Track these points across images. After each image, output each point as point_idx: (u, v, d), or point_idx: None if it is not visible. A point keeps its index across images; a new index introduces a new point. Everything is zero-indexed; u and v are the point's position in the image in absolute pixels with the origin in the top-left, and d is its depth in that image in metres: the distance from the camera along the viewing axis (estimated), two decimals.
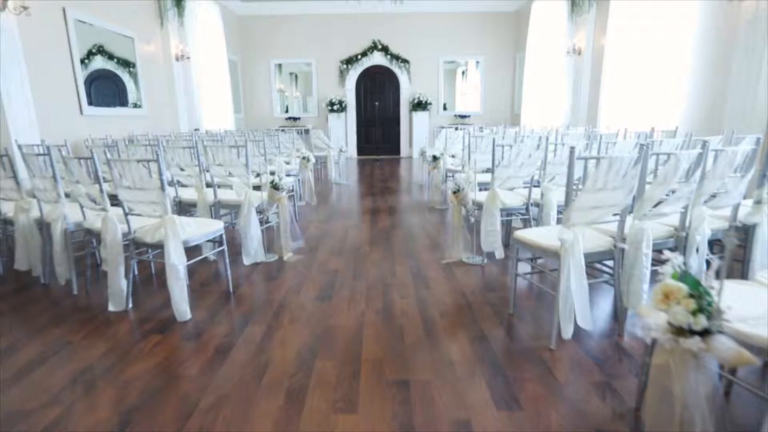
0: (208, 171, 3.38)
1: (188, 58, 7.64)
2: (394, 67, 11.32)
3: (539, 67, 9.02)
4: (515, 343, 2.12)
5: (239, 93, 11.22)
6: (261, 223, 3.36)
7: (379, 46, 11.13)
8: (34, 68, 4.56)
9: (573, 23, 7.58)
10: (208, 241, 2.74)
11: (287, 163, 5.76)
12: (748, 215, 2.33)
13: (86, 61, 5.60)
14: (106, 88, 6.06)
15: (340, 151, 7.15)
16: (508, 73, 11.40)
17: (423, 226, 4.41)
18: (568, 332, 2.01)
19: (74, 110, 5.27)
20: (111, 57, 6.10)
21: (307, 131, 7.79)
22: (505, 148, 3.36)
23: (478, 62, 11.53)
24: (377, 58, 11.24)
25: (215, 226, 2.59)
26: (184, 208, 3.59)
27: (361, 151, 11.80)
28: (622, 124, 5.96)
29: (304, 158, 5.29)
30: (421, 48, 11.21)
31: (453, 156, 5.99)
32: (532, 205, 3.20)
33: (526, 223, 3.24)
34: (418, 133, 11.35)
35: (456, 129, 6.84)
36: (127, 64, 6.39)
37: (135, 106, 6.61)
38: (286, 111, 11.94)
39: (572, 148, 1.87)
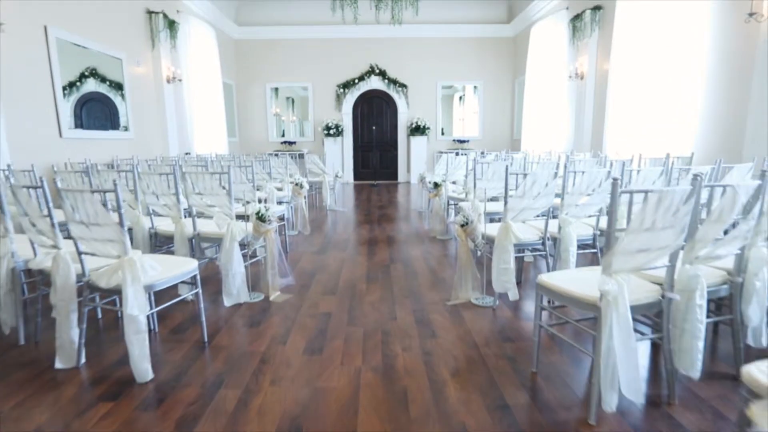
0: (187, 200, 3.04)
1: (180, 80, 7.41)
2: (392, 92, 11.18)
3: (540, 92, 8.87)
4: (544, 413, 1.74)
5: (234, 117, 11.00)
6: (246, 257, 3.00)
7: (377, 71, 11.01)
8: (8, 87, 4.26)
9: (574, 47, 7.44)
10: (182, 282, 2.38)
11: (279, 189, 5.43)
12: None
13: (78, 83, 5.46)
14: (98, 111, 5.90)
15: (336, 176, 6.85)
16: (507, 98, 11.28)
17: (425, 258, 4.05)
18: (611, 404, 1.64)
19: (53, 133, 4.96)
20: (104, 80, 5.98)
21: (301, 156, 7.49)
22: (519, 177, 3.05)
23: (475, 87, 11.42)
24: (375, 83, 11.11)
25: (186, 267, 2.23)
26: (161, 241, 3.23)
27: (358, 176, 11.53)
28: (630, 150, 5.71)
29: (296, 185, 4.97)
30: (419, 72, 11.10)
31: (454, 182, 5.70)
32: (548, 239, 2.86)
33: (542, 259, 2.89)
34: (416, 158, 11.12)
35: (457, 154, 6.57)
36: (119, 87, 6.16)
37: (125, 129, 6.32)
38: (282, 135, 11.73)
39: (615, 180, 1.54)
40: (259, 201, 4.95)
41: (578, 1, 7.49)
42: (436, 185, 4.78)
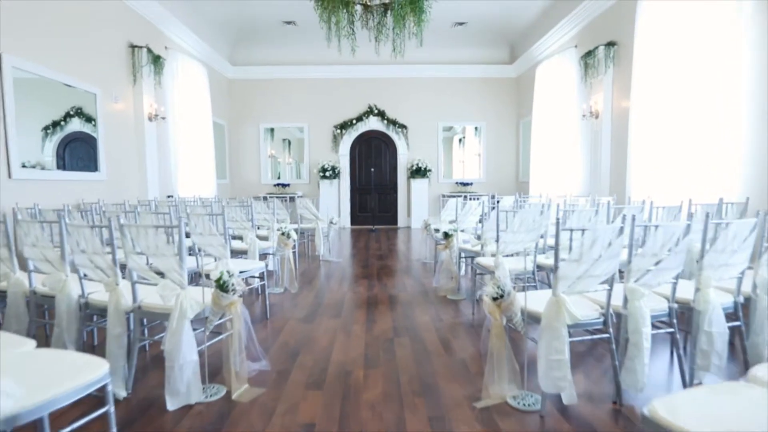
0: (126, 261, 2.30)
1: (163, 118, 6.86)
2: (391, 132, 10.72)
3: (549, 133, 8.37)
4: None
5: (225, 158, 10.46)
6: (204, 337, 2.23)
7: (376, 111, 10.60)
8: None
9: (587, 85, 6.98)
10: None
11: (265, 239, 4.72)
12: None
13: (62, 123, 5.23)
14: (81, 151, 5.54)
15: (330, 222, 6.15)
16: (511, 139, 10.82)
17: (436, 328, 3.27)
18: None
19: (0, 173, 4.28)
20: (89, 119, 5.58)
21: (292, 199, 6.84)
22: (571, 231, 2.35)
23: (477, 128, 11.00)
24: (373, 123, 10.66)
25: (86, 377, 1.45)
26: (97, 313, 2.46)
27: (355, 220, 10.85)
28: (661, 194, 5.07)
29: (283, 234, 4.25)
30: (419, 113, 10.69)
31: (462, 230, 5.00)
32: (612, 316, 2.11)
33: (604, 347, 2.13)
34: (417, 202, 10.49)
35: (465, 198, 5.92)
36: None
37: (95, 169, 5.67)
38: (279, 177, 11.16)
39: None
40: (236, 254, 4.23)
41: (588, 39, 7.12)
42: (447, 235, 4.07)
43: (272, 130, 11.22)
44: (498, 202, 6.02)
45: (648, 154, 5.63)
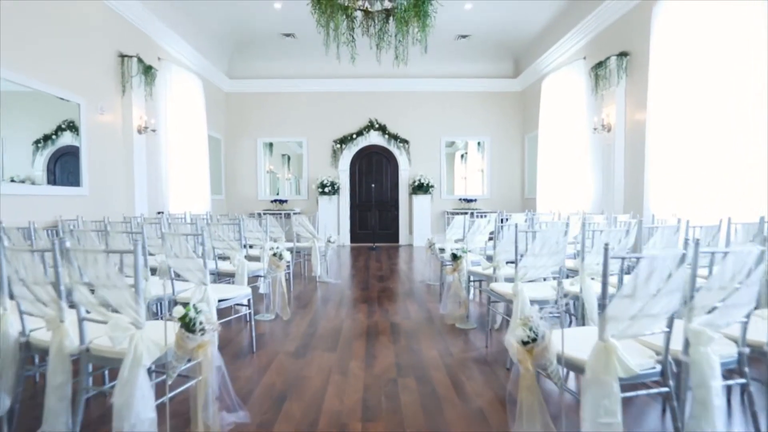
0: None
1: (153, 131, 6.53)
2: (393, 147, 10.40)
3: (557, 147, 8.04)
4: None
5: (221, 173, 10.12)
6: (165, 387, 1.82)
7: (377, 125, 10.30)
8: None
9: (598, 97, 6.66)
10: None
11: (257, 259, 4.32)
12: None
13: (54, 136, 5.07)
14: (72, 166, 5.33)
15: (328, 241, 5.75)
16: (516, 155, 10.50)
17: (447, 365, 2.85)
18: None
19: None
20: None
21: (287, 216, 6.46)
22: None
23: (479, 143, 10.69)
24: (374, 138, 10.35)
25: None
26: (39, 355, 2.05)
27: (355, 237, 10.45)
28: (685, 211, 4.68)
29: (275, 255, 3.85)
30: (422, 127, 10.39)
31: (470, 251, 4.59)
32: (671, 364, 1.70)
33: (661, 403, 1.72)
34: (419, 219, 10.11)
35: (471, 215, 5.54)
36: None
37: (76, 184, 5.32)
38: (277, 193, 10.82)
39: None
40: (223, 277, 3.83)
41: (597, 50, 6.84)
42: (455, 257, 3.67)
43: (271, 145, 10.92)
44: (506, 219, 5.63)
45: (668, 168, 5.26)
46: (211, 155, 9.44)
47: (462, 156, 11.11)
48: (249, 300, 3.06)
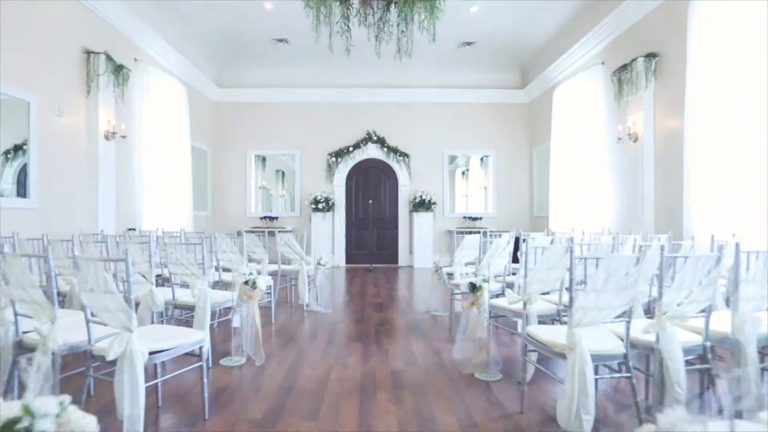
0: None
1: (123, 137, 5.79)
2: (392, 161, 9.70)
3: (571, 161, 7.36)
4: None
5: (207, 187, 9.37)
6: None
7: (375, 138, 9.62)
8: None
9: (621, 104, 6.00)
10: None
11: (221, 285, 3.54)
12: None
13: (25, 146, 4.60)
14: None
15: (318, 264, 4.96)
16: (524, 170, 9.80)
17: None
18: None
19: None
20: None
21: (272, 234, 5.69)
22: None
23: (482, 159, 10.03)
24: (372, 151, 9.66)
25: None
26: None
27: (351, 258, 9.65)
28: (739, 232, 3.93)
29: (246, 283, 3.07)
30: (423, 140, 9.72)
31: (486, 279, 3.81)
32: None
33: None
34: (420, 238, 9.33)
35: (485, 234, 4.78)
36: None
37: (23, 195, 4.57)
38: (270, 211, 10.06)
39: None
40: (182, 310, 3.04)
41: (619, 53, 6.20)
42: (474, 288, 2.89)
43: (264, 159, 10.22)
44: (524, 240, 4.85)
45: (712, 182, 4.54)
46: (197, 168, 8.73)
47: (463, 173, 10.42)
48: (201, 348, 2.26)
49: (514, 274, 3.96)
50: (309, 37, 8.16)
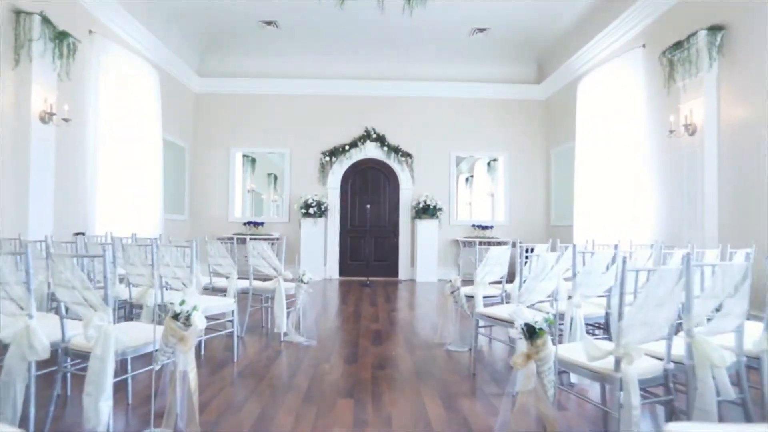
0: None
1: (66, 120, 4.72)
2: (393, 162, 8.65)
3: (601, 161, 6.34)
4: None
5: (184, 188, 8.29)
6: None
7: (374, 135, 8.58)
8: None
9: (672, 90, 4.97)
10: None
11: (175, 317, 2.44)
12: None
13: None
14: None
15: (300, 281, 3.85)
16: (539, 174, 8.76)
17: None
18: None
19: None
20: None
21: (243, 242, 4.59)
22: None
23: (489, 163, 9.01)
24: (371, 150, 8.61)
25: None
26: None
27: (345, 270, 8.54)
28: None
29: (175, 316, 1.98)
30: (428, 139, 8.68)
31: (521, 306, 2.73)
32: None
33: None
34: (423, 248, 8.25)
35: (514, 245, 3.70)
36: None
37: None
38: (261, 214, 9.00)
39: None
40: (78, 358, 1.94)
41: (665, 32, 5.19)
42: (533, 334, 1.80)
43: (254, 161, 9.19)
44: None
45: None
46: (172, 166, 7.67)
47: (467, 179, 9.38)
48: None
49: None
50: (300, 19, 7.21)
